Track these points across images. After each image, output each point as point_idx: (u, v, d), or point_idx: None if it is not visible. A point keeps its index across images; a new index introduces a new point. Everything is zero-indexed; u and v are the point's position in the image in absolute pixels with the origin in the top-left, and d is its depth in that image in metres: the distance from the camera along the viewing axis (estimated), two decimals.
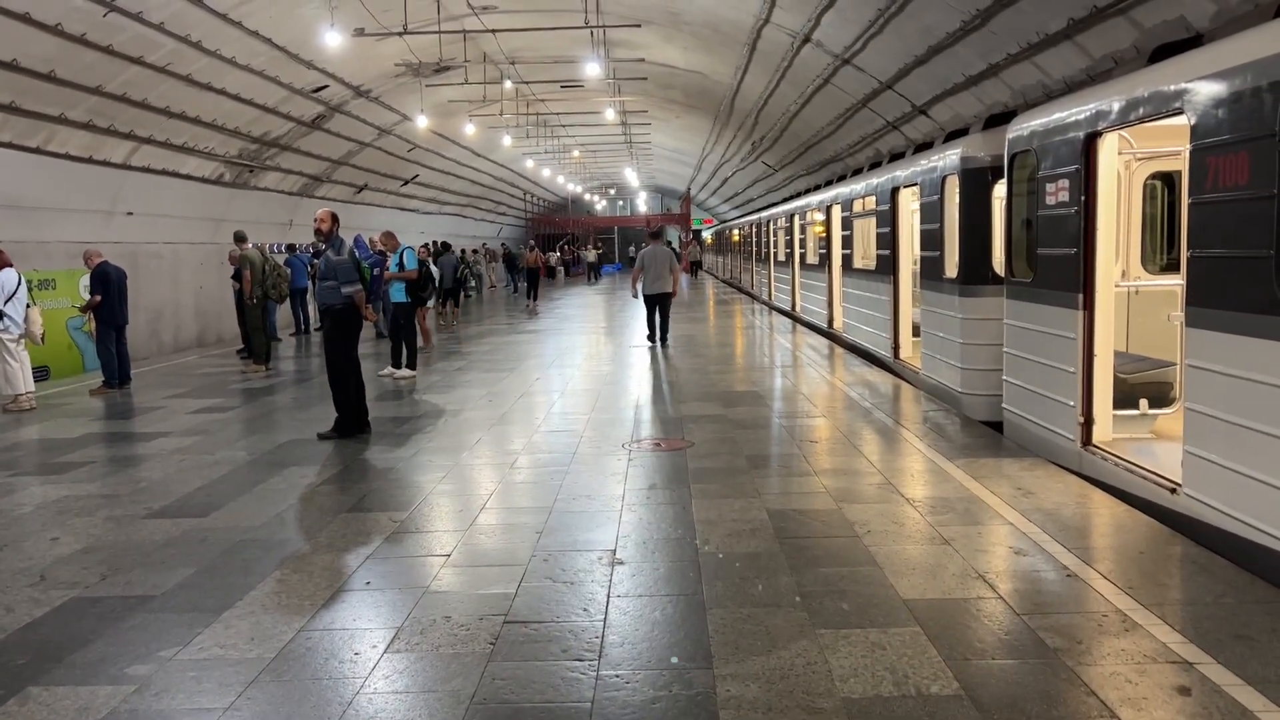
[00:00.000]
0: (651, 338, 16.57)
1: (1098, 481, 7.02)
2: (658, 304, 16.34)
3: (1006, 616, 4.50)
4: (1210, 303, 5.59)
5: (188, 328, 21.91)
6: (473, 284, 36.86)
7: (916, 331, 12.80)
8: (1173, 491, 6.07)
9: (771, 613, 4.61)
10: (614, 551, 5.61)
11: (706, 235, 58.74)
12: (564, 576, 5.21)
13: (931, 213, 11.26)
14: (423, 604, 4.86)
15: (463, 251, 37.02)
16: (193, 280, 21.96)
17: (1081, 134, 7.20)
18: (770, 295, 28.44)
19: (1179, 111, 5.92)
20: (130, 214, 19.35)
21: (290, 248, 23.52)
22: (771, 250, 27.96)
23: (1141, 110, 6.41)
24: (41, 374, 14.87)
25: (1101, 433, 7.34)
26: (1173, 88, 5.99)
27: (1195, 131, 5.67)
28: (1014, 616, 4.50)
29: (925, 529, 5.89)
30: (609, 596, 4.89)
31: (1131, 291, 8.85)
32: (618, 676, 3.99)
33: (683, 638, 4.36)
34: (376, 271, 8.78)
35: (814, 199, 20.46)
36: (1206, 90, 5.59)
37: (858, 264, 15.90)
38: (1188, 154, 5.78)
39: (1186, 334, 5.84)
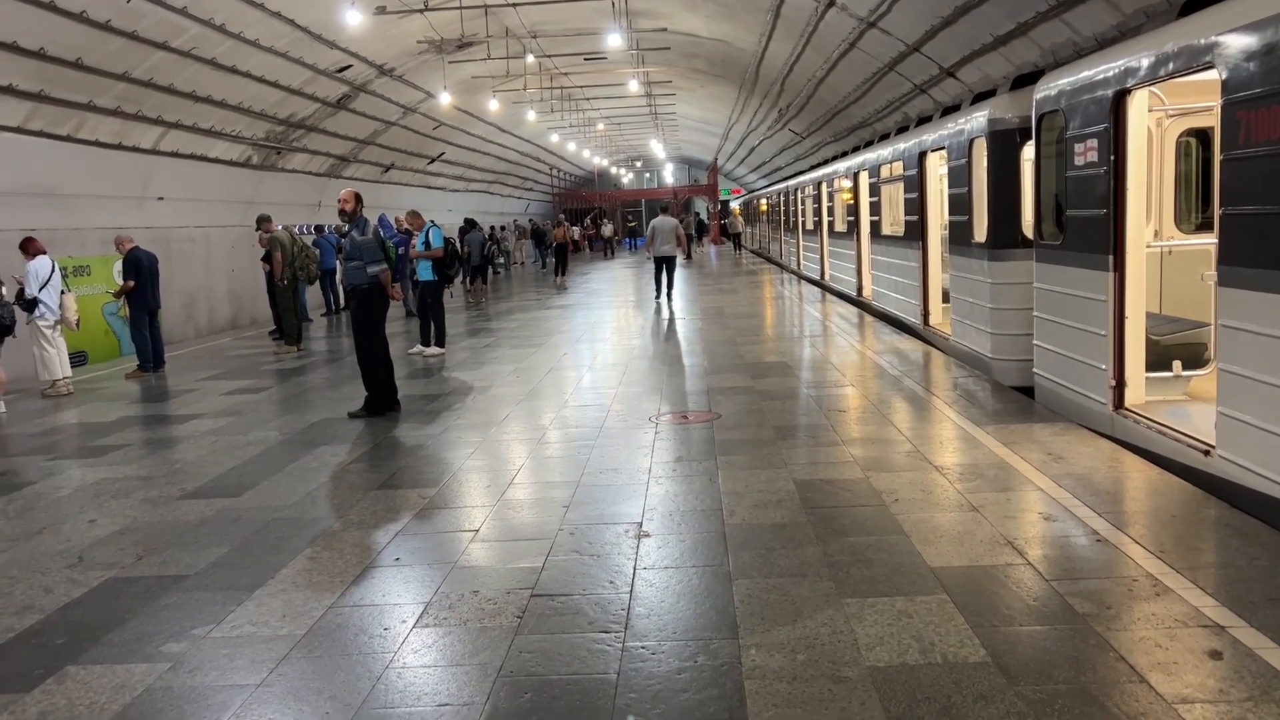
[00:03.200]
0: (659, 295, 19.96)
1: (1130, 445, 6.93)
2: (664, 264, 19.84)
3: (1035, 583, 4.46)
4: (1244, 261, 5.47)
5: (221, 310, 22.13)
6: (501, 261, 36.94)
7: (946, 297, 12.68)
8: (1206, 454, 5.98)
9: (797, 583, 4.61)
10: (640, 524, 5.63)
11: (734, 206, 58.34)
12: (591, 550, 5.23)
13: (959, 176, 11.11)
14: (451, 579, 4.90)
15: (491, 228, 37.11)
16: (225, 263, 22.14)
17: (1110, 92, 7.06)
18: (799, 264, 28.26)
19: (1210, 66, 5.78)
20: (161, 199, 19.52)
21: (319, 229, 23.67)
22: (799, 219, 27.75)
23: (1171, 65, 6.27)
24: (80, 359, 15.09)
25: (1134, 396, 7.25)
26: (1203, 41, 5.85)
27: (1227, 86, 5.54)
28: (1043, 583, 4.46)
29: (954, 496, 5.85)
30: (635, 569, 4.90)
31: (1165, 252, 8.70)
32: (644, 648, 4.01)
33: (709, 609, 4.37)
34: (401, 250, 8.78)
35: (841, 166, 20.26)
36: (1238, 43, 5.45)
37: (886, 230, 15.75)
38: (1219, 109, 5.65)
39: (1219, 293, 5.73)
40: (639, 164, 70.73)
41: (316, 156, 24.86)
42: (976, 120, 10.47)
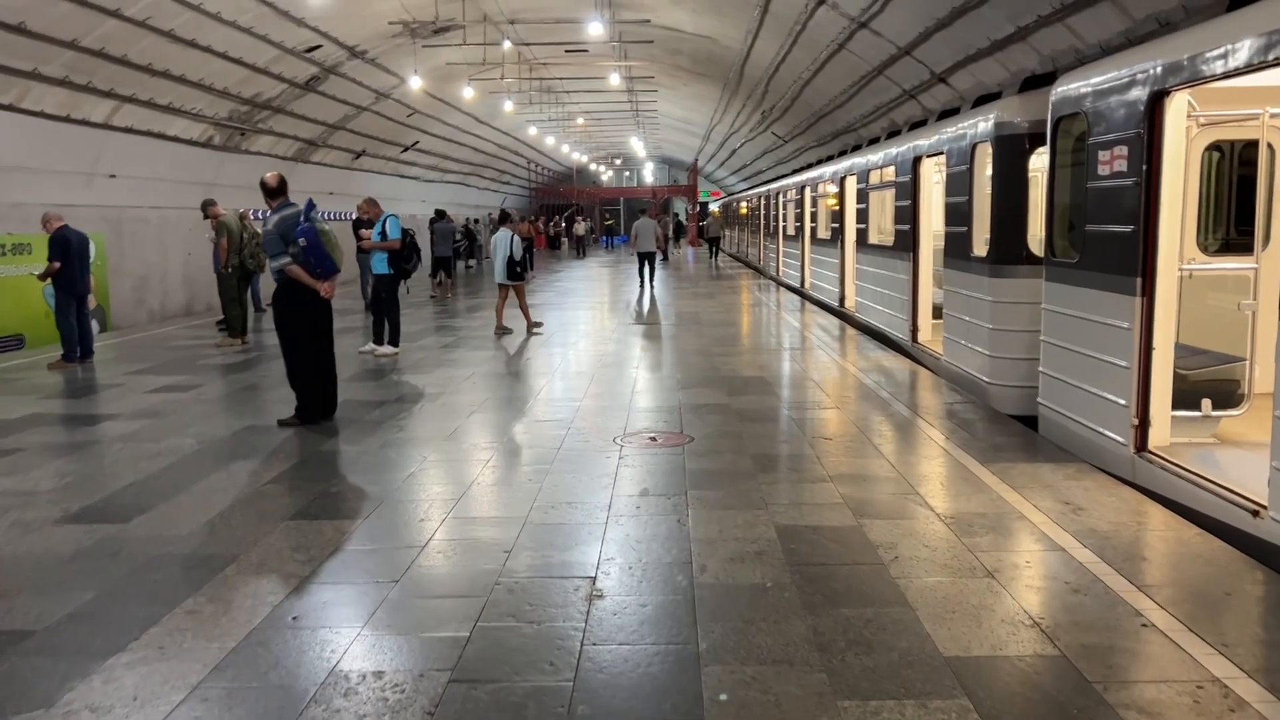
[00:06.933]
0: (642, 285, 23.42)
1: (1154, 494, 6.12)
2: (646, 258, 23.52)
3: (1078, 687, 3.60)
4: None
5: (175, 296, 21.03)
6: (473, 261, 36.02)
7: (937, 313, 11.87)
8: (1255, 514, 5.16)
9: (782, 673, 3.72)
10: (594, 579, 4.72)
11: (714, 208, 57.53)
12: (530, 614, 4.32)
13: (959, 184, 10.29)
14: (352, 653, 3.97)
15: (467, 221, 36.15)
16: (180, 246, 21.04)
17: (1146, 92, 6.23)
18: (778, 271, 27.45)
19: (1277, 62, 4.97)
20: (113, 176, 18.43)
21: None
22: (780, 224, 26.94)
23: (1227, 63, 5.44)
24: (15, 343, 14.04)
25: (1159, 437, 6.43)
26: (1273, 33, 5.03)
27: None
28: (1087, 686, 3.59)
29: (962, 555, 4.99)
30: (582, 644, 4.00)
31: (1186, 275, 7.91)
32: None
33: (670, 709, 3.47)
34: (302, 242, 7.94)
35: (827, 170, 19.45)
36: None
37: (873, 239, 14.93)
38: None
39: None
40: (619, 161, 69.82)
41: (283, 139, 23.78)
42: (982, 124, 9.65)
